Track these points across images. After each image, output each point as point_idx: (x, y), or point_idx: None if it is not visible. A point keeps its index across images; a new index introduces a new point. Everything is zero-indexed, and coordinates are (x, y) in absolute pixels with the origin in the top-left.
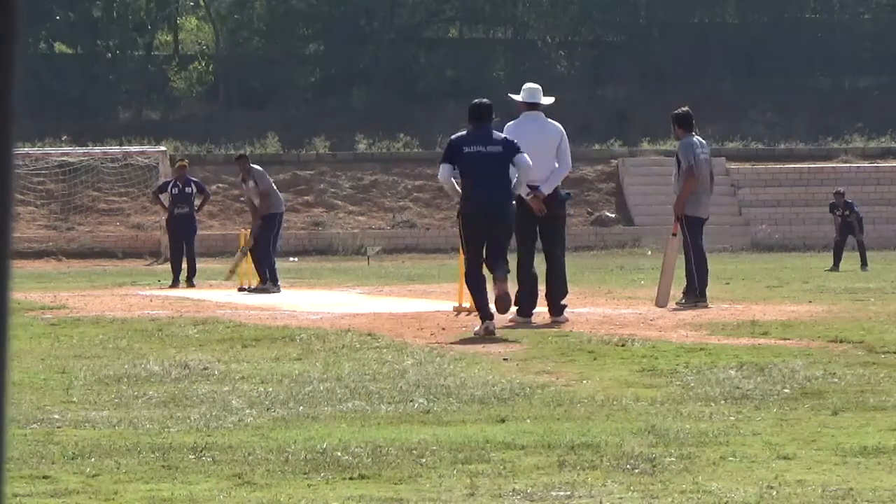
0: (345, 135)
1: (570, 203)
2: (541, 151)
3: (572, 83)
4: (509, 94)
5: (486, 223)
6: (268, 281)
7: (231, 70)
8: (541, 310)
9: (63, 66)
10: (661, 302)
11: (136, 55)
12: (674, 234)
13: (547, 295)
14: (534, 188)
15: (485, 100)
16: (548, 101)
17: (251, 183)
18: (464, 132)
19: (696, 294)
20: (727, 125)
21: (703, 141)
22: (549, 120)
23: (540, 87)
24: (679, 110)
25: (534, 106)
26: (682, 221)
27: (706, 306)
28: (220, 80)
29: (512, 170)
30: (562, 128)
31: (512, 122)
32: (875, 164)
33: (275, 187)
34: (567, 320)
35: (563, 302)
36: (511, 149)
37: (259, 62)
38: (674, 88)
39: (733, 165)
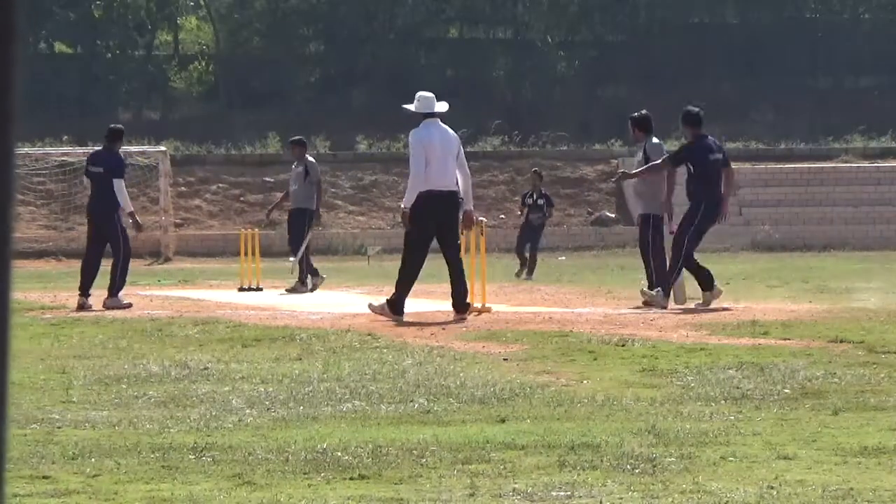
0: (345, 135)
1: (564, 204)
2: (448, 157)
3: (572, 83)
4: (403, 106)
5: None
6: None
7: (231, 70)
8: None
9: (63, 66)
10: (679, 300)
11: (136, 55)
12: (671, 233)
13: (454, 294)
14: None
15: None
16: (442, 107)
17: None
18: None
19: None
20: (727, 125)
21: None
22: (446, 127)
23: (434, 96)
24: (638, 113)
25: (431, 115)
26: (651, 219)
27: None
28: (220, 80)
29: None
30: (457, 135)
31: (416, 129)
32: (875, 164)
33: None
34: (466, 318)
35: (467, 301)
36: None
37: (259, 62)
38: (674, 88)
39: (733, 165)
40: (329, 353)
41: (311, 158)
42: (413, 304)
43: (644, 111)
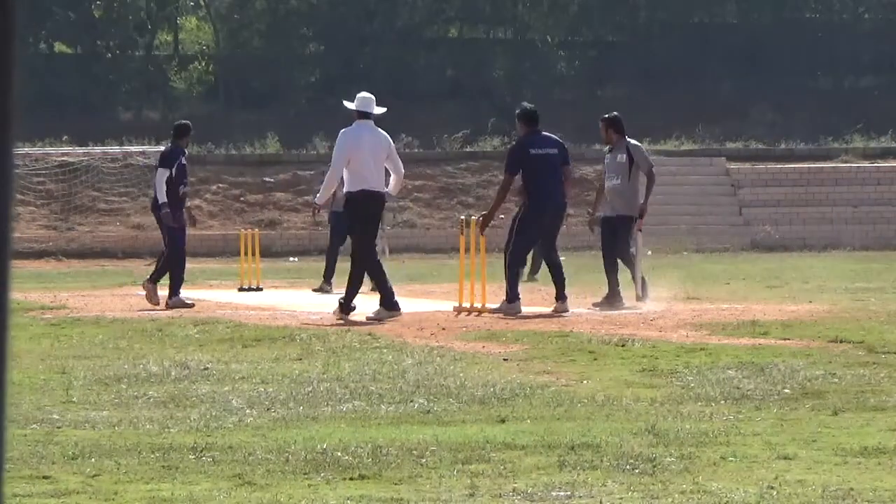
0: None
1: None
2: (377, 159)
3: (572, 83)
4: (343, 102)
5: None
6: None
7: (231, 70)
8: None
9: (63, 66)
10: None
11: (136, 55)
12: (639, 230)
13: (348, 293)
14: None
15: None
16: (380, 110)
17: None
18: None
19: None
20: (727, 125)
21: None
22: (378, 129)
23: (373, 97)
24: (612, 115)
25: (366, 115)
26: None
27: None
28: (220, 80)
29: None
30: (389, 136)
31: (347, 128)
32: (875, 164)
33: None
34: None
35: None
36: None
37: (259, 62)
38: (674, 88)
39: (733, 165)
40: (329, 353)
41: None
42: (413, 304)
43: (615, 113)
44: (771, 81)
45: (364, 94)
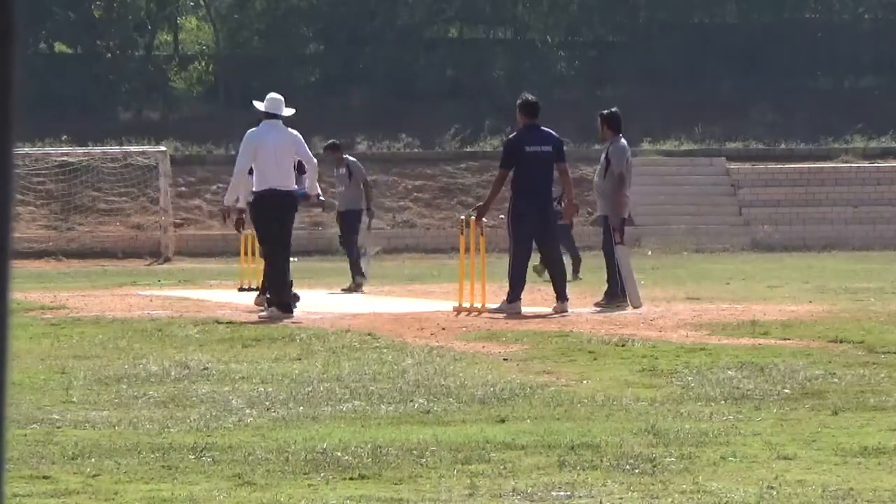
0: (345, 135)
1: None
2: (282, 158)
3: (572, 83)
4: (253, 101)
5: None
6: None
7: (231, 70)
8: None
9: (63, 66)
10: (636, 302)
11: (136, 55)
12: (620, 243)
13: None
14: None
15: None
16: (289, 112)
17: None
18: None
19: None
20: (727, 125)
21: (627, 144)
22: (285, 128)
23: (282, 99)
24: (608, 111)
25: (274, 116)
26: (610, 223)
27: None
28: (220, 80)
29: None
30: (297, 133)
31: (254, 129)
32: (875, 164)
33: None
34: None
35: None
36: None
37: (259, 62)
38: (674, 88)
39: (733, 165)
40: (329, 353)
41: (351, 158)
42: (413, 304)
43: (614, 109)
44: (771, 81)
45: (273, 95)
